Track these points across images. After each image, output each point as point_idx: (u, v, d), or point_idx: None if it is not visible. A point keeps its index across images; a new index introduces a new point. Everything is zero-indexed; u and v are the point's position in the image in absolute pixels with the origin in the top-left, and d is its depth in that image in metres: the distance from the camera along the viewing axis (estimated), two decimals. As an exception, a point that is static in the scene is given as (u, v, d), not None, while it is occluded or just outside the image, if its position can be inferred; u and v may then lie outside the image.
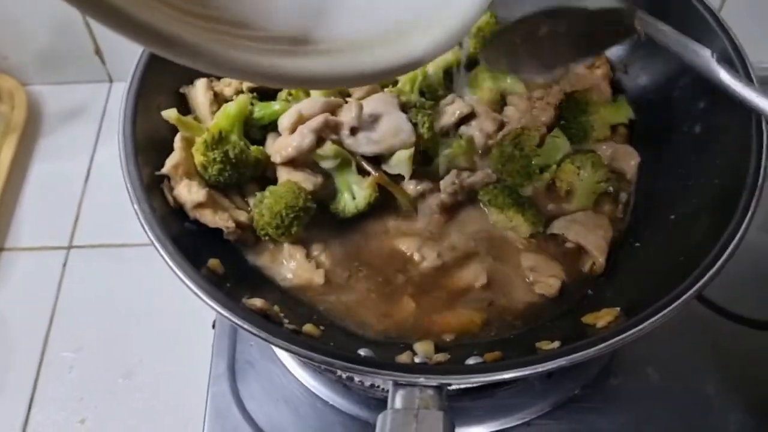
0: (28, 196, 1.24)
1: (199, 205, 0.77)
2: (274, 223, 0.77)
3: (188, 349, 1.02)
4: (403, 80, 0.88)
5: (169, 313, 1.07)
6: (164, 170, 0.78)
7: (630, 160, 0.88)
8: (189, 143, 0.81)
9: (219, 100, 0.88)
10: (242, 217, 0.80)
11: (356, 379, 0.85)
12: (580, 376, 0.90)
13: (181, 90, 0.87)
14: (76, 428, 1.00)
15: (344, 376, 0.85)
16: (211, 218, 0.77)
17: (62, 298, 1.12)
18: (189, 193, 0.77)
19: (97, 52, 1.32)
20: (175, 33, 0.43)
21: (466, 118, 0.88)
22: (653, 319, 0.62)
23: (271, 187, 0.79)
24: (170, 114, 0.81)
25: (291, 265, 0.80)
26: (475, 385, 0.82)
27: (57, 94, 1.37)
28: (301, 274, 0.79)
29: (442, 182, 0.83)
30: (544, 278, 0.79)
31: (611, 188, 0.85)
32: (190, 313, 1.01)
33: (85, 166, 1.27)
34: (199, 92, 0.87)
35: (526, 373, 0.62)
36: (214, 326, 0.97)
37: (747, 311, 0.94)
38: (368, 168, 0.82)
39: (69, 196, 1.24)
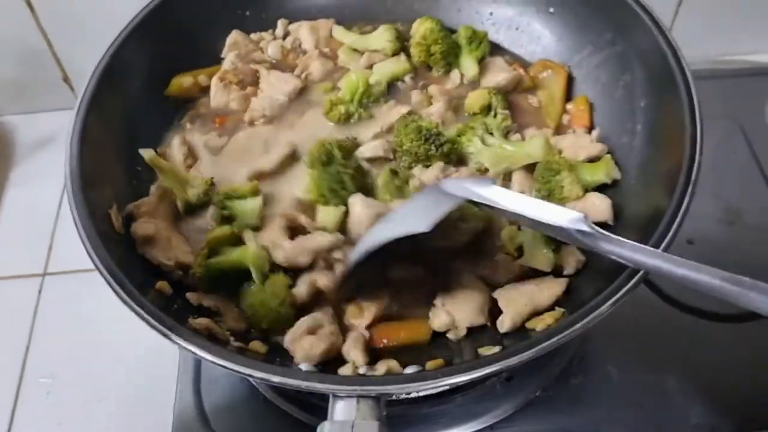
0: (1, 224, 1.25)
1: (147, 240, 0.80)
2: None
3: (158, 369, 1.03)
4: (343, 90, 0.89)
5: (140, 334, 1.07)
6: (129, 207, 0.81)
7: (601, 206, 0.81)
8: (164, 193, 0.84)
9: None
10: (187, 259, 0.80)
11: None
12: (540, 377, 0.91)
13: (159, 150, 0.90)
14: (54, 452, 1.01)
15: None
16: (153, 254, 0.79)
17: (38, 325, 1.13)
18: (141, 229, 0.80)
19: (66, 79, 1.34)
20: None
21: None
22: (585, 320, 0.63)
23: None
24: (148, 154, 0.84)
25: None
26: (415, 394, 0.82)
27: (28, 123, 1.38)
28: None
29: None
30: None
31: None
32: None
33: (57, 194, 1.28)
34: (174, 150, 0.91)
35: (463, 379, 0.62)
36: (179, 345, 0.98)
37: (704, 304, 0.94)
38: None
39: (42, 223, 1.25)
